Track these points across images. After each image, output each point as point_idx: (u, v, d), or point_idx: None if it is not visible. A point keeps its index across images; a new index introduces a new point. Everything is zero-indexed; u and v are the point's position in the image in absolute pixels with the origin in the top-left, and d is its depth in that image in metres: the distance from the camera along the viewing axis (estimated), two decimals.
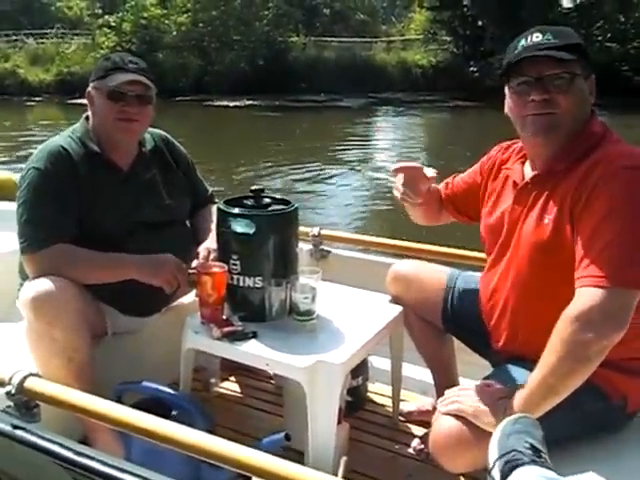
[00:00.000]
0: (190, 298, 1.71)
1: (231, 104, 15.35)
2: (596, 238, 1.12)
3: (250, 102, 15.65)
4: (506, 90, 1.31)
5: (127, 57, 1.63)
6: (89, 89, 1.63)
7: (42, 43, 19.11)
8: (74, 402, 1.26)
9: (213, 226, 1.62)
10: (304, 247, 2.13)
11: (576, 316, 1.09)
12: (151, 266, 1.57)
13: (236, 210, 1.51)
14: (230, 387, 2.01)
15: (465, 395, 1.22)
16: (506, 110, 1.32)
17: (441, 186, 1.66)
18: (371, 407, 1.89)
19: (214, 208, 1.61)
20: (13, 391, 1.26)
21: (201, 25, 17.98)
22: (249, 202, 1.57)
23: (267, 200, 1.59)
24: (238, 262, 1.50)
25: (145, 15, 17.80)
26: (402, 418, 1.80)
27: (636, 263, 1.10)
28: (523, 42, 1.25)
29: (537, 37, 1.23)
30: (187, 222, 1.83)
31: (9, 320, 1.77)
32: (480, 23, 19.63)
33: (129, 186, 1.66)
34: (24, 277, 1.57)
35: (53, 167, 1.55)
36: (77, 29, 21.56)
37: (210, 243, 1.65)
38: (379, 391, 1.95)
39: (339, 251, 2.21)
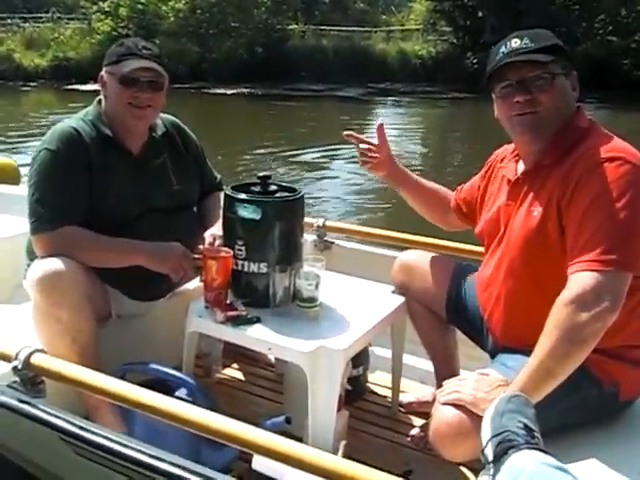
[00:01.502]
0: (195, 284, 1.72)
1: (229, 92, 15.25)
2: (583, 227, 1.18)
3: (248, 90, 15.55)
4: (493, 95, 1.37)
5: (140, 43, 1.63)
6: (102, 73, 1.64)
7: (37, 27, 18.89)
8: (79, 378, 1.28)
9: (220, 212, 1.63)
10: (308, 238, 2.15)
11: (570, 300, 1.13)
12: (158, 254, 1.58)
13: (243, 196, 1.51)
14: (231, 374, 2.03)
15: (464, 385, 1.24)
16: (495, 114, 1.39)
17: (454, 192, 1.72)
18: (371, 397, 1.91)
19: (222, 195, 1.62)
20: (20, 366, 1.28)
21: (199, 12, 17.79)
22: (256, 188, 1.57)
23: (274, 187, 1.59)
24: (243, 247, 1.51)
25: (142, 0, 17.61)
26: (402, 408, 1.82)
27: (622, 247, 1.15)
28: (503, 49, 1.32)
29: (515, 43, 1.30)
30: (195, 208, 1.84)
31: (14, 302, 1.78)
32: (480, 14, 19.54)
33: (139, 170, 1.68)
34: (32, 258, 1.58)
35: (65, 148, 1.56)
36: (73, 13, 21.32)
37: (216, 229, 1.66)
38: (379, 381, 1.96)
39: (343, 242, 2.23)
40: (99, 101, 1.68)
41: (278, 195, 1.57)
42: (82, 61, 16.74)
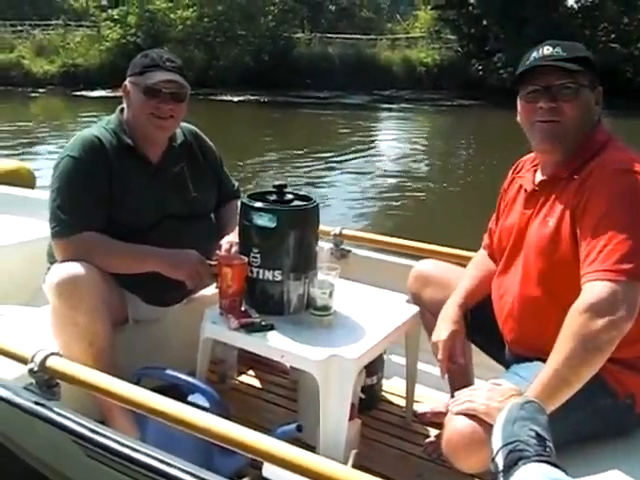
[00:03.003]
0: (211, 290, 1.74)
1: (235, 99, 15.34)
2: (597, 237, 1.19)
3: (254, 97, 15.63)
4: (518, 100, 1.38)
5: (164, 55, 1.67)
6: (126, 83, 1.68)
7: (47, 34, 19.06)
8: (93, 382, 1.30)
9: (237, 220, 1.65)
10: (325, 246, 2.16)
11: (584, 308, 1.14)
12: (174, 261, 1.61)
13: (258, 204, 1.54)
14: (246, 380, 2.04)
15: (477, 395, 1.23)
16: (518, 118, 1.40)
17: (483, 247, 1.64)
18: (385, 406, 1.91)
19: (239, 203, 1.64)
20: (35, 369, 1.30)
21: (206, 20, 17.95)
22: (272, 197, 1.59)
23: (289, 196, 1.62)
24: (258, 255, 1.53)
25: (150, 8, 17.76)
26: (415, 418, 1.82)
27: (635, 257, 1.16)
28: (535, 54, 1.34)
29: (548, 50, 1.32)
30: (212, 216, 1.87)
31: (34, 305, 1.81)
32: (485, 22, 19.60)
33: (158, 178, 1.71)
34: (52, 261, 1.62)
35: (87, 156, 1.60)
36: (82, 21, 21.50)
37: (233, 237, 1.68)
38: (394, 391, 1.96)
39: (359, 251, 2.24)
40: (121, 110, 1.72)
41: (293, 204, 1.59)
42: (91, 68, 16.90)
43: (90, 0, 26.59)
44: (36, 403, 1.28)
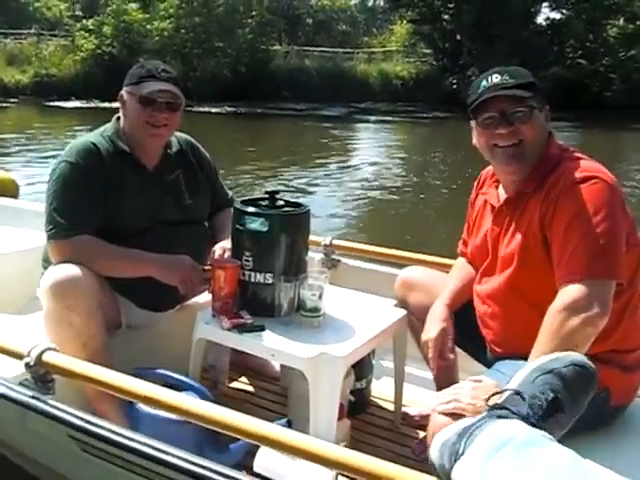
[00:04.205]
0: (204, 298, 1.78)
1: (213, 110, 15.33)
2: (567, 242, 1.28)
3: (232, 109, 15.65)
4: (472, 124, 1.46)
5: (160, 66, 1.73)
6: (122, 92, 1.73)
7: (19, 43, 18.80)
8: (90, 374, 1.33)
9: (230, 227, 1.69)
10: (315, 256, 2.21)
11: (560, 309, 1.22)
12: (168, 265, 1.64)
13: (251, 209, 1.58)
14: (237, 386, 2.06)
15: (462, 394, 1.27)
16: (474, 142, 1.48)
17: (460, 255, 1.72)
18: (374, 410, 1.94)
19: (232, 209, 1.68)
20: (32, 362, 1.32)
21: (183, 31, 17.93)
22: (264, 203, 1.64)
23: (281, 202, 1.66)
24: (250, 259, 1.57)
25: (126, 19, 17.69)
26: (404, 421, 1.86)
27: (604, 257, 1.25)
28: (484, 83, 1.41)
29: (496, 78, 1.40)
30: (206, 223, 1.91)
31: (25, 313, 1.82)
32: (458, 37, 20.06)
33: (153, 184, 1.75)
34: (47, 266, 1.63)
35: (83, 161, 1.64)
36: (56, 30, 21.28)
37: (226, 242, 1.72)
38: (383, 395, 2.00)
39: (349, 260, 2.29)
40: (117, 118, 1.77)
41: (285, 209, 1.64)
42: (65, 78, 16.69)
43: (64, 10, 26.38)
44: (32, 397, 1.31)
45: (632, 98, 16.84)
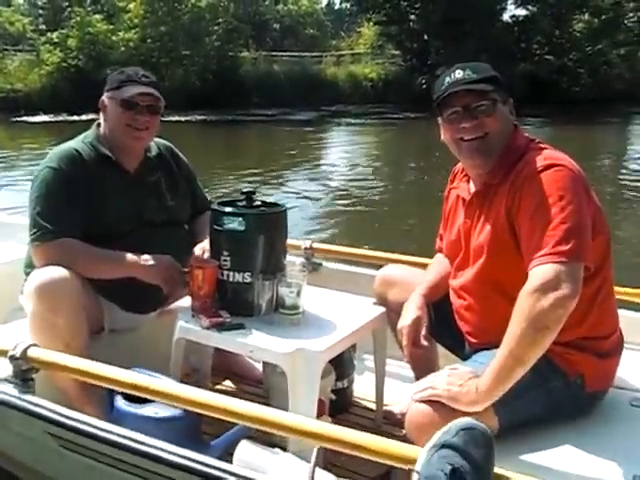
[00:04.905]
0: (185, 302, 1.77)
1: (183, 119, 15.19)
2: (534, 228, 1.31)
3: (202, 117, 15.55)
4: (439, 120, 1.50)
5: (140, 71, 1.77)
6: (103, 98, 1.76)
7: None
8: (74, 365, 1.36)
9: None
10: (296, 260, 2.21)
11: (532, 290, 1.24)
12: (150, 265, 1.66)
13: (228, 209, 1.60)
14: (221, 389, 2.04)
15: (437, 381, 1.31)
16: (442, 137, 1.51)
17: (438, 249, 1.75)
18: (355, 410, 1.96)
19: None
20: (17, 355, 1.34)
21: (149, 41, 17.79)
22: (241, 203, 1.66)
23: (258, 202, 1.68)
24: (229, 258, 1.58)
25: (91, 31, 17.49)
26: (385, 420, 1.87)
27: (570, 239, 1.27)
28: (448, 79, 1.45)
29: (459, 73, 1.44)
30: (185, 226, 1.93)
31: (8, 322, 1.81)
32: (425, 37, 20.33)
33: (135, 187, 1.78)
34: (29, 272, 1.65)
35: (66, 167, 1.66)
36: (20, 45, 20.91)
37: (206, 243, 1.74)
38: (364, 395, 2.01)
39: (330, 264, 2.31)
40: (98, 125, 1.80)
41: (262, 209, 1.65)
42: (31, 93, 16.36)
43: (27, 24, 25.94)
44: (10, 395, 1.32)
45: (600, 92, 17.27)
